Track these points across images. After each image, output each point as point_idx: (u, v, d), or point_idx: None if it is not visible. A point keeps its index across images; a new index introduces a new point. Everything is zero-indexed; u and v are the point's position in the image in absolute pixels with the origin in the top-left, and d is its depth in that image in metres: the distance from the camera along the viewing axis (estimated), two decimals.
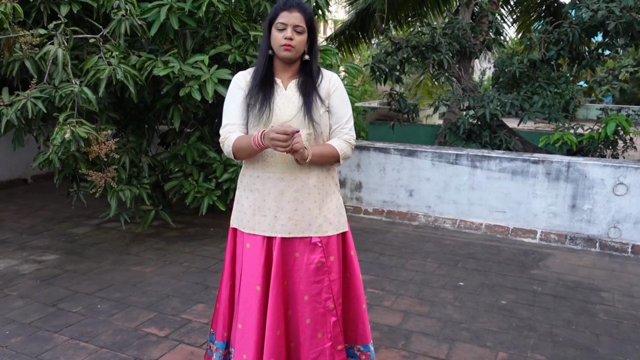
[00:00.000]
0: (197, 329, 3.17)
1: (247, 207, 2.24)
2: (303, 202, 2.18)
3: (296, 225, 2.18)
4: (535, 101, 6.41)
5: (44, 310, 3.38)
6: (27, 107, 3.71)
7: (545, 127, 12.36)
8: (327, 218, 2.22)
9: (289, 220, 2.17)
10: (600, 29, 6.12)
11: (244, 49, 4.27)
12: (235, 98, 2.23)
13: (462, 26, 7.04)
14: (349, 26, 10.81)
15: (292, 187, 2.17)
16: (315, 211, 2.20)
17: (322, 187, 2.23)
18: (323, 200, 2.22)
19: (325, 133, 2.22)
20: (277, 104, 2.16)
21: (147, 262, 4.27)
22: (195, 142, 4.61)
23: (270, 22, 2.15)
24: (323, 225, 2.21)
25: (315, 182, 2.20)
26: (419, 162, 5.51)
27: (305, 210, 2.18)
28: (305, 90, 2.18)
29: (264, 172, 2.19)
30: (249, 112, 2.20)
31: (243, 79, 2.25)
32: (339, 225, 2.26)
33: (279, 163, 2.16)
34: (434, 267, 4.27)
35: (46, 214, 5.67)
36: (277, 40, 2.13)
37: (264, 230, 2.18)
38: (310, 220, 2.19)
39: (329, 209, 2.24)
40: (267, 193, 2.18)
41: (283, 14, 2.11)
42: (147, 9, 3.88)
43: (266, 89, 2.17)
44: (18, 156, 6.88)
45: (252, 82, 2.20)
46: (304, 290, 2.18)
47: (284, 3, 2.13)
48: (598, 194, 4.80)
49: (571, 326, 3.29)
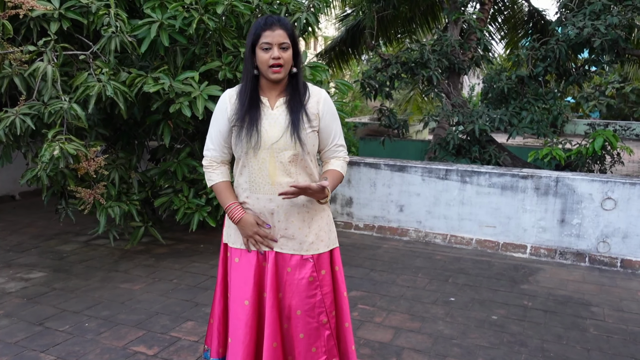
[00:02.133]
0: (186, 347, 3.13)
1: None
2: (293, 221, 2.20)
3: (287, 243, 2.20)
4: (523, 117, 6.48)
5: (30, 329, 3.33)
6: (15, 123, 3.68)
7: (534, 142, 12.47)
8: (318, 235, 2.24)
9: (280, 237, 2.20)
10: (587, 46, 6.22)
11: (234, 66, 4.29)
12: (219, 122, 2.24)
13: (450, 43, 7.12)
14: (339, 42, 10.91)
15: (281, 208, 2.19)
16: (305, 230, 2.21)
17: (311, 205, 2.23)
18: (312, 219, 2.23)
19: (312, 152, 2.23)
20: (263, 126, 2.15)
21: (136, 279, 4.23)
22: (186, 158, 4.59)
23: (253, 43, 2.12)
24: (314, 243, 2.22)
25: (304, 200, 2.20)
26: (409, 178, 5.53)
27: (295, 229, 2.20)
28: (292, 109, 2.16)
29: (252, 192, 2.20)
30: (233, 133, 2.20)
31: (228, 100, 2.23)
32: (329, 242, 2.28)
33: (267, 184, 2.17)
34: (424, 282, 4.26)
35: (34, 231, 5.61)
36: (264, 61, 2.10)
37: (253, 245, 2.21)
38: (301, 239, 2.21)
39: (319, 226, 2.25)
40: (258, 212, 2.21)
41: (266, 34, 2.08)
42: (137, 26, 3.89)
43: (252, 111, 2.15)
44: (6, 173, 6.83)
45: (239, 105, 2.18)
46: (296, 305, 2.19)
47: (264, 22, 2.10)
48: (587, 209, 4.83)
49: (562, 341, 3.28)
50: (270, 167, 2.15)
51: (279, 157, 2.15)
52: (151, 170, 4.77)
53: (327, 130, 2.25)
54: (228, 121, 2.21)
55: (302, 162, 2.19)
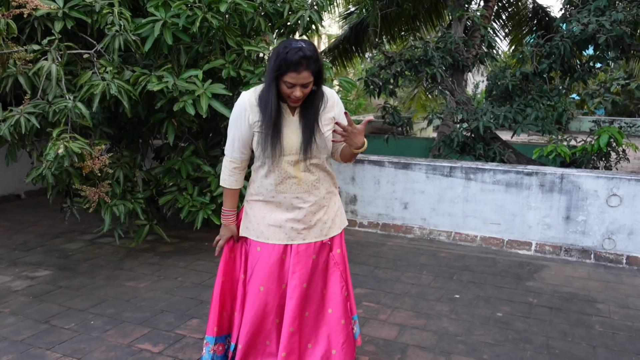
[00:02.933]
0: (191, 344, 3.14)
1: (259, 218, 2.40)
2: (315, 213, 2.40)
3: (309, 233, 2.40)
4: (528, 114, 6.46)
5: (36, 327, 3.34)
6: (20, 122, 3.70)
7: (539, 139, 12.44)
8: (334, 221, 2.48)
9: (304, 229, 2.39)
10: (591, 43, 6.19)
11: (238, 64, 4.29)
12: (240, 126, 2.33)
13: (454, 40, 7.11)
14: (343, 40, 10.92)
15: (307, 203, 2.38)
16: (324, 217, 2.44)
17: (328, 195, 2.46)
18: (329, 206, 2.46)
19: (323, 160, 2.40)
20: (286, 135, 2.28)
21: (141, 277, 4.24)
22: (190, 157, 4.60)
23: (277, 75, 2.14)
24: (332, 228, 2.47)
25: (324, 193, 2.43)
26: (414, 175, 5.52)
27: (317, 220, 2.41)
28: (308, 119, 2.27)
29: (278, 192, 2.36)
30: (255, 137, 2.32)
31: (249, 105, 2.29)
32: (341, 224, 2.54)
33: (294, 185, 2.35)
34: (429, 279, 4.26)
35: (39, 229, 5.64)
36: (285, 92, 2.19)
37: (279, 239, 2.38)
38: (321, 227, 2.42)
39: (334, 212, 2.49)
40: (284, 209, 2.38)
41: (291, 75, 2.11)
42: (141, 25, 3.89)
43: (277, 121, 2.25)
44: (11, 172, 6.85)
45: (263, 114, 2.25)
46: (323, 285, 2.43)
47: (292, 61, 2.09)
48: (592, 206, 4.81)
49: (567, 338, 3.28)
50: (296, 171, 2.32)
51: (303, 162, 2.32)
52: (155, 169, 4.78)
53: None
54: (250, 128, 2.31)
55: (322, 164, 2.39)
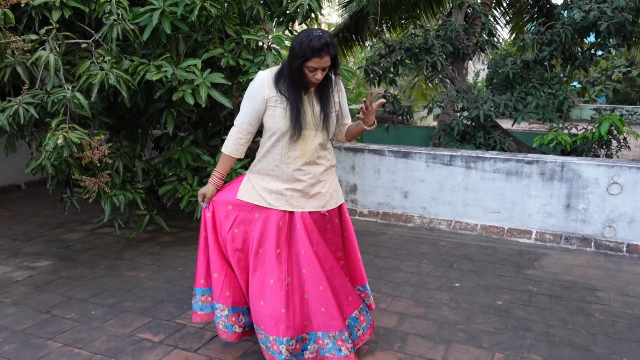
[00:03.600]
0: (192, 333, 3.15)
1: (261, 187, 2.67)
2: (313, 186, 2.67)
3: (307, 202, 2.66)
4: (529, 102, 6.43)
5: (37, 317, 3.35)
6: (19, 112, 3.68)
7: (539, 127, 12.41)
8: (332, 195, 2.75)
9: (302, 198, 2.65)
10: (593, 30, 6.14)
11: (237, 53, 4.26)
12: (255, 100, 2.60)
13: (455, 28, 7.06)
14: (343, 29, 10.84)
15: (307, 175, 2.64)
16: (323, 191, 2.70)
17: (328, 171, 2.74)
18: (326, 181, 2.73)
19: (327, 137, 2.70)
20: (301, 112, 2.56)
21: (141, 267, 4.25)
22: (189, 146, 4.59)
23: (302, 61, 2.42)
24: (330, 201, 2.73)
25: (325, 168, 2.71)
26: (414, 164, 5.51)
27: (316, 192, 2.68)
28: (323, 100, 2.61)
29: (282, 163, 2.62)
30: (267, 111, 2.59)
31: (266, 83, 2.57)
32: (338, 199, 2.80)
33: (298, 157, 2.61)
34: (429, 268, 4.26)
35: (39, 220, 5.64)
36: (308, 76, 2.48)
37: (280, 205, 2.64)
38: (318, 198, 2.69)
39: (332, 186, 2.76)
40: (285, 179, 2.64)
41: (315, 60, 2.41)
42: (139, 14, 3.86)
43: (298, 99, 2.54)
44: (11, 162, 6.85)
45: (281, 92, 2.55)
46: (323, 247, 2.69)
47: (316, 47, 2.38)
48: (592, 194, 4.81)
49: (567, 326, 3.28)
50: (302, 145, 2.60)
51: (311, 137, 2.61)
52: (155, 159, 4.77)
53: (343, 112, 2.79)
54: (264, 102, 2.58)
55: (325, 141, 2.69)
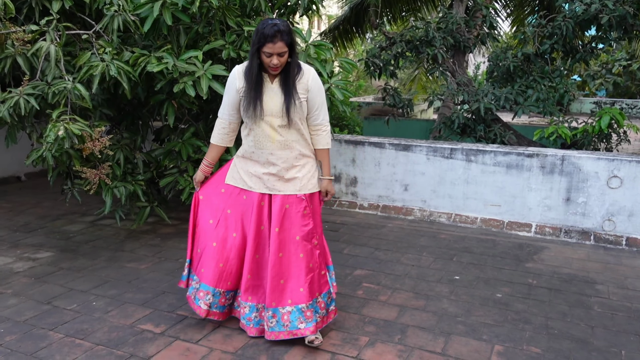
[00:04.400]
0: (193, 325, 3.17)
1: (244, 171, 2.94)
2: (288, 169, 2.87)
3: (283, 186, 2.87)
4: (529, 95, 6.42)
5: (38, 308, 3.36)
6: (19, 104, 3.68)
7: (540, 120, 12.39)
8: (309, 179, 2.91)
9: (278, 181, 2.87)
10: (594, 23, 6.13)
11: (238, 44, 4.25)
12: (230, 93, 2.91)
13: (456, 20, 7.04)
14: (343, 21, 10.81)
15: (280, 159, 2.86)
16: (299, 175, 2.89)
17: (302, 157, 2.91)
18: (304, 166, 2.91)
19: (302, 118, 2.87)
20: (265, 100, 2.80)
21: (142, 258, 4.26)
22: (190, 138, 4.58)
23: (257, 48, 2.69)
24: (305, 185, 2.90)
25: (297, 154, 2.88)
26: (414, 157, 5.51)
27: (290, 175, 2.87)
28: (286, 87, 2.79)
29: (257, 149, 2.88)
30: (242, 102, 2.85)
31: (237, 76, 2.86)
32: (314, 186, 2.95)
33: (268, 142, 2.85)
34: (429, 261, 4.28)
35: (40, 211, 5.65)
36: (265, 62, 2.72)
37: (259, 188, 2.89)
38: (294, 183, 2.88)
39: (308, 171, 2.92)
40: (260, 164, 2.89)
41: (268, 45, 2.66)
42: (140, 5, 3.85)
43: (257, 88, 2.78)
44: (11, 153, 6.84)
45: (246, 83, 2.81)
46: (295, 232, 2.86)
47: (267, 34, 2.64)
48: (592, 187, 4.82)
49: (566, 319, 3.30)
50: (271, 131, 2.83)
51: (277, 124, 2.82)
52: (156, 151, 4.77)
53: (313, 102, 2.87)
54: (237, 93, 2.86)
55: (295, 125, 2.84)
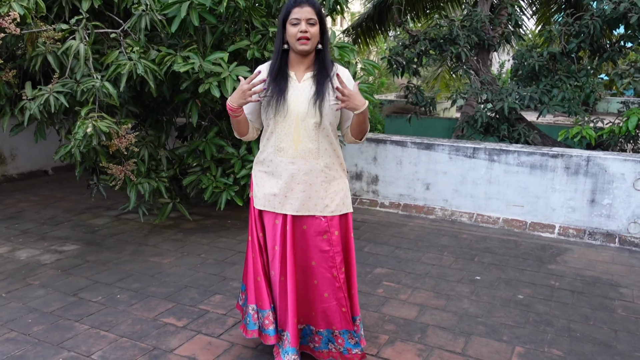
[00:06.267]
0: (214, 319, 3.22)
1: (259, 186, 2.54)
2: (311, 184, 2.45)
3: (303, 205, 2.45)
4: (554, 94, 6.33)
5: (65, 300, 3.45)
6: (49, 101, 3.77)
7: (565, 120, 12.20)
8: (333, 199, 2.48)
9: (297, 200, 2.45)
10: (622, 22, 6.02)
11: (263, 45, 4.29)
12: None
13: (480, 18, 6.97)
14: (366, 18, 10.78)
15: (301, 171, 2.44)
16: (322, 193, 2.46)
17: (329, 171, 2.48)
18: (330, 183, 2.48)
19: (334, 123, 2.48)
20: (290, 96, 2.40)
21: (165, 253, 4.33)
22: (214, 138, 4.64)
23: (283, 20, 2.37)
24: (329, 206, 2.47)
25: (323, 166, 2.46)
26: (436, 156, 5.49)
27: (312, 191, 2.45)
28: (319, 82, 2.40)
29: (276, 156, 2.46)
30: (263, 103, 2.46)
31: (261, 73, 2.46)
32: (343, 207, 2.52)
33: (291, 149, 2.43)
34: (450, 261, 4.26)
35: (66, 205, 5.77)
36: (292, 34, 2.34)
37: (274, 207, 2.49)
38: (316, 201, 2.46)
39: (335, 191, 2.49)
40: (279, 175, 2.47)
41: (295, 10, 2.33)
42: (167, 5, 3.90)
43: (281, 82, 2.41)
44: (39, 148, 7.01)
45: (268, 77, 2.43)
46: (312, 257, 2.49)
47: (294, 0, 2.34)
48: (618, 189, 4.74)
49: (589, 322, 3.27)
50: (295, 134, 2.41)
51: (303, 124, 2.40)
52: (180, 149, 4.84)
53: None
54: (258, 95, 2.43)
55: (325, 131, 2.43)
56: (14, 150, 6.99)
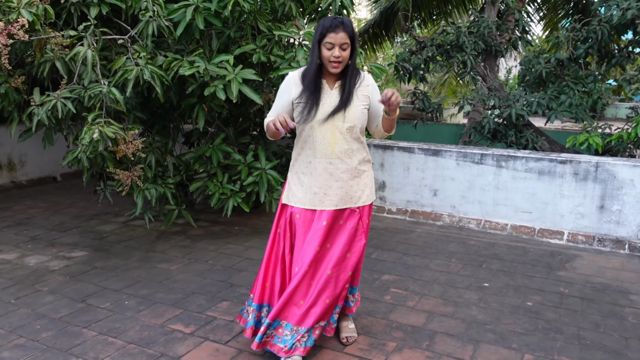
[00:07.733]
0: (222, 326, 3.21)
1: (299, 187, 2.76)
2: (347, 180, 2.72)
3: (341, 199, 2.72)
4: (562, 100, 6.31)
5: (73, 306, 3.45)
6: (57, 107, 3.79)
7: (573, 126, 12.15)
8: (364, 191, 2.78)
9: (336, 196, 2.71)
10: (631, 27, 6.00)
11: (269, 49, 4.30)
12: (283, 99, 2.73)
13: (487, 24, 6.97)
14: (373, 25, 10.79)
15: (339, 170, 2.70)
16: (355, 187, 2.74)
17: (361, 167, 2.76)
18: (361, 177, 2.77)
19: (362, 126, 2.73)
20: (324, 103, 2.65)
21: (172, 259, 4.33)
22: (220, 144, 4.65)
23: (319, 40, 2.56)
24: (361, 198, 2.77)
25: (357, 163, 2.74)
26: (444, 162, 5.47)
27: (348, 187, 2.73)
28: (346, 91, 2.66)
29: (314, 158, 2.71)
30: (295, 108, 2.70)
31: (292, 82, 2.71)
32: (371, 196, 2.83)
33: (328, 150, 2.68)
34: (458, 267, 4.24)
35: (75, 211, 5.79)
36: (326, 57, 2.57)
37: (314, 204, 2.72)
38: (352, 195, 2.74)
39: (365, 184, 2.79)
40: (318, 175, 2.71)
41: (330, 35, 2.51)
42: (173, 10, 3.93)
43: (315, 90, 2.65)
44: (47, 154, 7.05)
45: (304, 86, 2.67)
46: (348, 249, 2.74)
47: (330, 24, 2.52)
48: (627, 195, 4.70)
49: (599, 329, 3.23)
50: (331, 136, 2.66)
51: (338, 127, 2.65)
52: (186, 155, 4.85)
53: (376, 109, 2.75)
54: (290, 101, 2.70)
55: (355, 133, 2.69)
56: (23, 156, 7.03)
